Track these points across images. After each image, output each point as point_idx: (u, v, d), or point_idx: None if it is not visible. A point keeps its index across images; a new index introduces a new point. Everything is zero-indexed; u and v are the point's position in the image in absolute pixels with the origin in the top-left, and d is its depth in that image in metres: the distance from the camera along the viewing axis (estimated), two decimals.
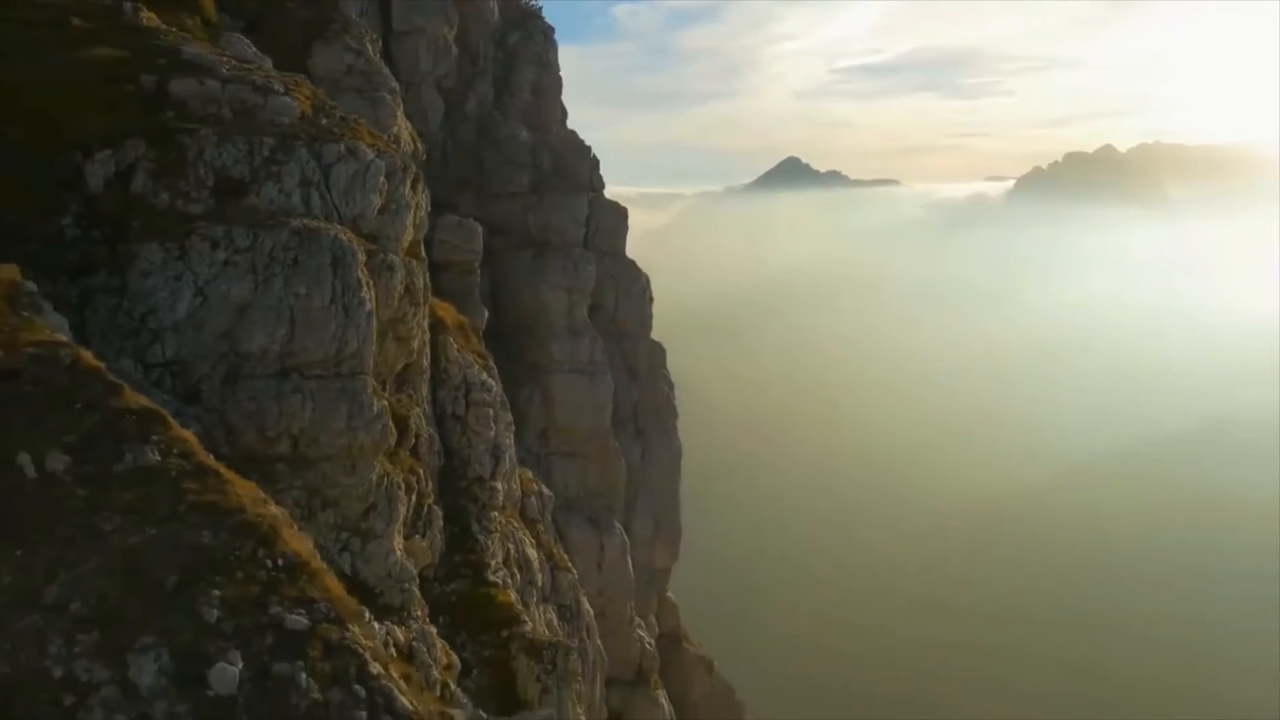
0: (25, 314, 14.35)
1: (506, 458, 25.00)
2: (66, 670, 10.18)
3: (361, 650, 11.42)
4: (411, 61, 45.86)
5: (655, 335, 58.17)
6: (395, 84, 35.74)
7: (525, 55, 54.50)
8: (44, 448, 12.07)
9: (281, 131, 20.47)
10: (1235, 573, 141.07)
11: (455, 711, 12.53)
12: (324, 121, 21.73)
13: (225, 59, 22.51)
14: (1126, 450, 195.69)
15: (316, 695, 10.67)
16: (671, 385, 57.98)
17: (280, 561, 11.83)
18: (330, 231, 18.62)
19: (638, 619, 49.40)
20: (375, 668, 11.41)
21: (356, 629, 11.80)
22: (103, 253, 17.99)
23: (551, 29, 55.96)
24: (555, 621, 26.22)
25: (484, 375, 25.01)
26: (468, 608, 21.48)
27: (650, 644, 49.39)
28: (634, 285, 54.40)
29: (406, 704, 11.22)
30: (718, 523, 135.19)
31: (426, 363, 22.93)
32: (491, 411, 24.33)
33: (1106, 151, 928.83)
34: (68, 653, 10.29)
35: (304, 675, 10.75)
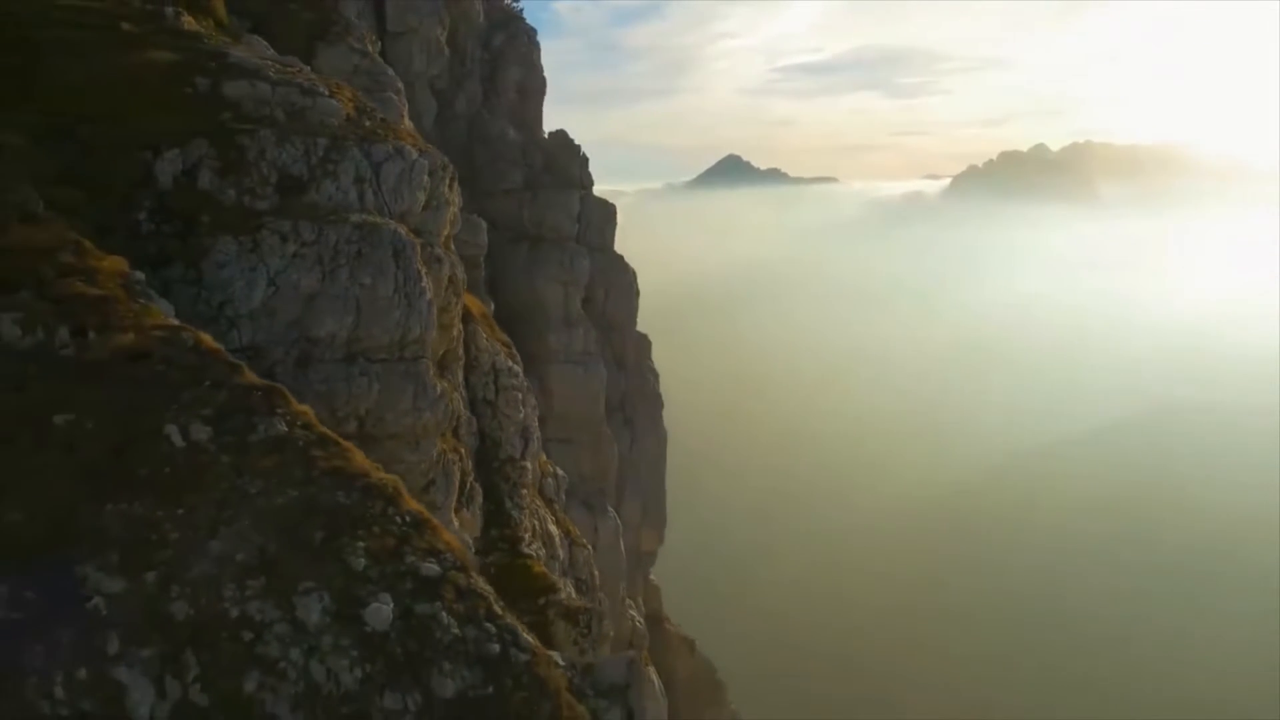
0: (141, 301, 15.51)
1: (534, 439, 26.41)
2: (241, 611, 11.48)
3: (486, 593, 12.83)
4: (406, 62, 46.78)
5: None
6: (400, 84, 36.82)
7: (510, 56, 55.78)
8: (186, 420, 13.28)
9: (332, 132, 21.64)
10: (1170, 567, 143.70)
11: (554, 654, 13.94)
12: (367, 123, 22.91)
13: (268, 62, 23.56)
14: (1061, 444, 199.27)
15: (456, 631, 12.06)
16: (657, 375, 59.77)
17: (407, 518, 13.19)
18: (389, 226, 19.88)
19: (628, 599, 50.99)
20: (499, 608, 12.83)
21: (477, 576, 13.20)
22: (176, 245, 19.06)
23: (534, 30, 57.28)
24: (574, 594, 27.62)
25: (509, 362, 26.37)
26: (507, 577, 22.78)
27: (640, 622, 50.97)
28: (622, 279, 56.02)
29: (529, 639, 12.66)
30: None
31: (461, 350, 24.24)
32: (520, 395, 25.69)
33: (1039, 150, 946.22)
34: (241, 596, 11.58)
35: (444, 614, 12.15)
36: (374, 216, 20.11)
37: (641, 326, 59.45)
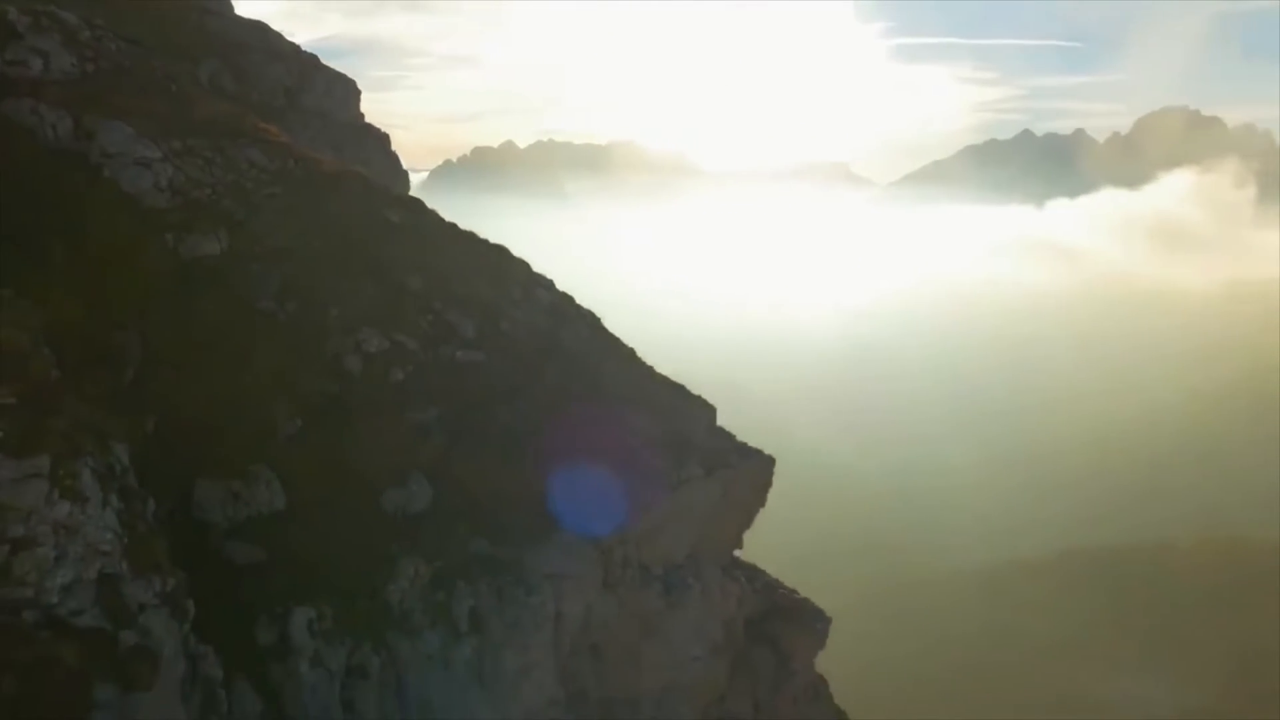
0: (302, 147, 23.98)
1: None
2: (506, 296, 21.59)
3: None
4: None
5: None
6: None
7: None
8: (388, 209, 22.64)
9: (295, 57, 29.70)
10: None
11: None
12: (304, 55, 30.99)
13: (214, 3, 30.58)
14: None
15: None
16: None
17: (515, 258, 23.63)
18: (365, 122, 28.85)
19: None
20: None
21: None
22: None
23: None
24: None
25: None
26: None
27: None
28: None
29: None
30: None
31: None
32: None
33: (509, 147, 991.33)
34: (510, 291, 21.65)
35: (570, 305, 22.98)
36: (347, 118, 28.97)
37: None
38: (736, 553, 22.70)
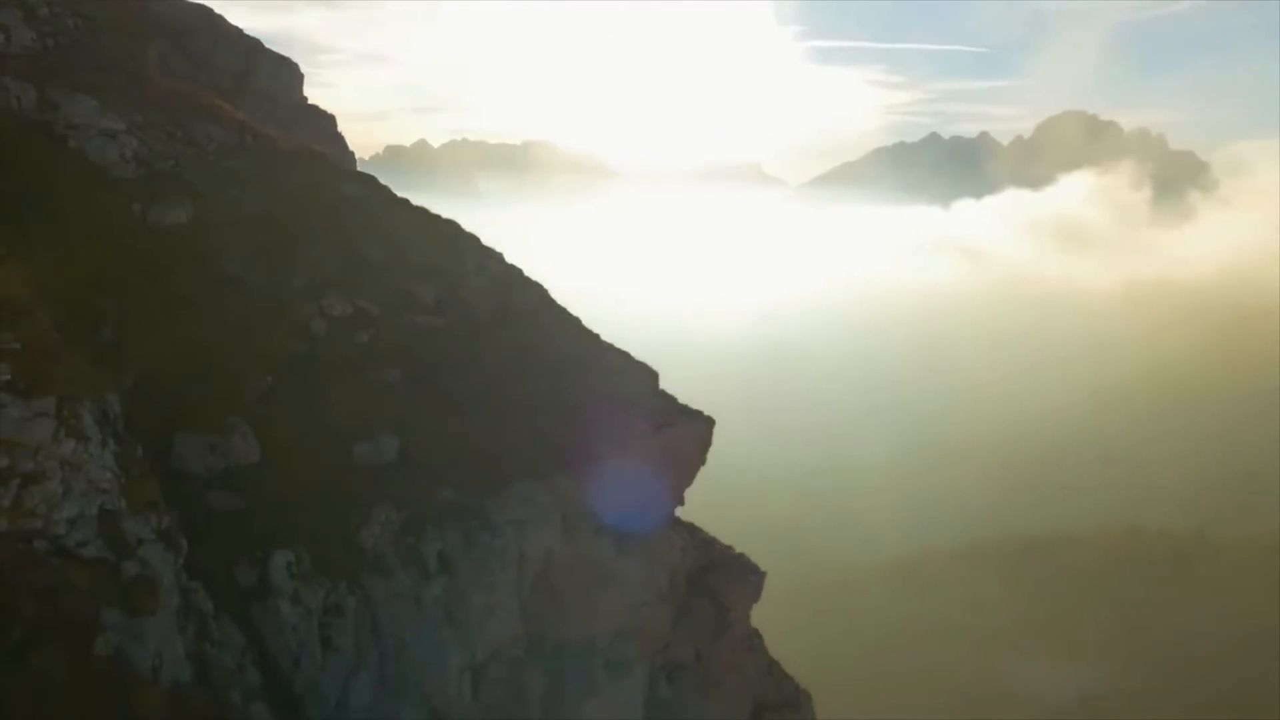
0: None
1: None
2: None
3: None
4: None
5: None
6: None
7: None
8: (338, 181, 23.68)
9: (240, 41, 30.35)
10: None
11: None
12: (248, 38, 31.59)
13: None
14: None
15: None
16: None
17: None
18: (310, 102, 29.71)
19: None
20: None
21: None
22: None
23: None
24: None
25: None
26: None
27: None
28: None
29: None
30: None
31: None
32: None
33: (421, 146, 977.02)
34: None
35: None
36: (296, 100, 29.79)
37: None
38: (677, 511, 24.10)
